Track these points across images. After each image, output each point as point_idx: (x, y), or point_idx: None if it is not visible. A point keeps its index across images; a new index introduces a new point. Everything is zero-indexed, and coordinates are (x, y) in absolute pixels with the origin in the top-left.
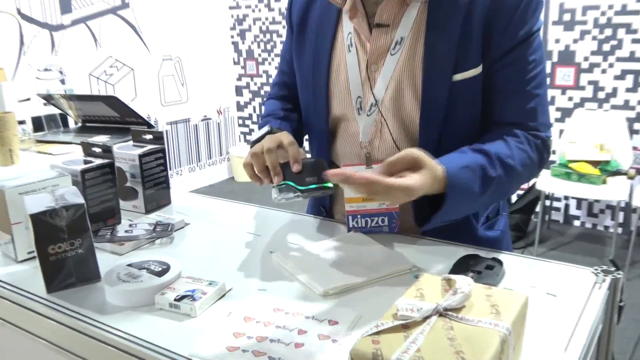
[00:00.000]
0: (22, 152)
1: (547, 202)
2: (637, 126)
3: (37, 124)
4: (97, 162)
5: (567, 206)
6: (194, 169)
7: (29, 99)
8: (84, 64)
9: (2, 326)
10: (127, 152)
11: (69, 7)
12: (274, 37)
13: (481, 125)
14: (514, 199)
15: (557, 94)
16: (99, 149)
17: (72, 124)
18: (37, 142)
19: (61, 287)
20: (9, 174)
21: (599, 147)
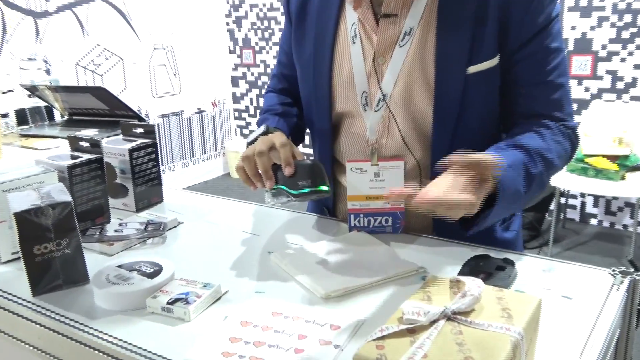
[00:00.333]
0: (5, 147)
1: (563, 200)
2: None
3: (21, 117)
4: (85, 157)
5: (583, 204)
6: (188, 165)
7: (12, 91)
8: (71, 53)
9: None
10: (116, 146)
11: None
12: (272, 24)
13: (503, 119)
14: None
15: (573, 84)
16: (87, 144)
17: (58, 117)
18: (21, 137)
19: (47, 290)
20: None
21: (617, 141)
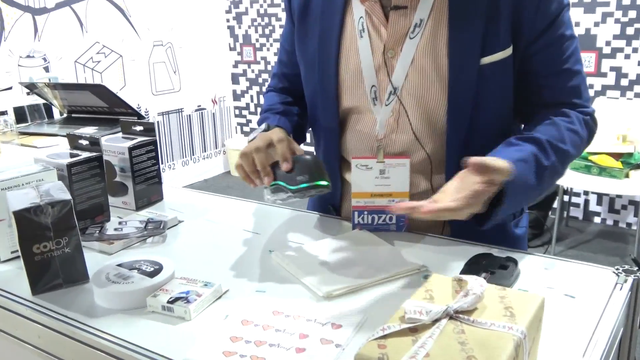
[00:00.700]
0: (4, 145)
1: (566, 198)
2: None
3: (20, 114)
4: (84, 155)
5: (587, 202)
6: (188, 163)
7: (10, 88)
8: (69, 50)
9: None
10: (116, 144)
11: None
12: (273, 20)
13: (520, 110)
14: None
15: None
16: (86, 142)
17: (57, 114)
18: (20, 134)
19: (47, 289)
20: None
21: (621, 139)
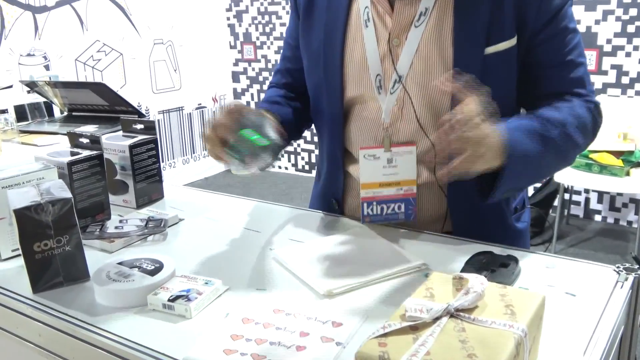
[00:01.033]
0: (5, 143)
1: (566, 196)
2: None
3: (21, 113)
4: (85, 153)
5: (587, 200)
6: (188, 161)
7: (11, 86)
8: (70, 48)
9: None
10: (116, 142)
11: None
12: (273, 19)
13: (524, 101)
14: (530, 191)
15: None
16: (87, 140)
17: (57, 113)
18: (20, 133)
19: (48, 287)
20: None
21: (622, 137)
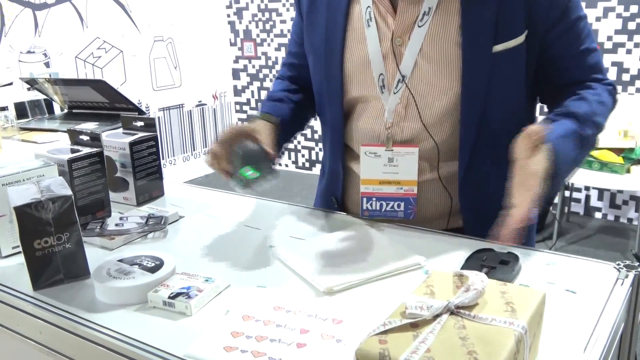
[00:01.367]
0: (5, 141)
1: (567, 193)
2: None
3: (21, 110)
4: (85, 150)
5: (587, 197)
6: (189, 158)
7: (11, 84)
8: (70, 45)
9: None
10: (116, 140)
11: None
12: (274, 16)
13: (546, 94)
14: None
15: None
16: (87, 137)
17: (57, 110)
18: (20, 130)
19: (48, 284)
20: None
21: (622, 134)
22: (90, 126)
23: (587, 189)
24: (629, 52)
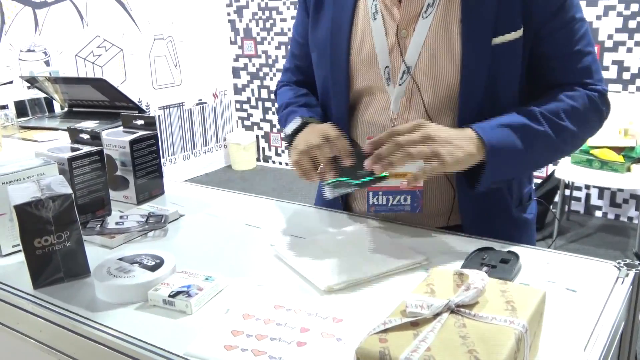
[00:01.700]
0: (5, 139)
1: (567, 192)
2: None
3: (21, 108)
4: (85, 149)
5: (588, 196)
6: (189, 157)
7: (11, 82)
8: (70, 44)
9: None
10: (117, 138)
11: None
12: (274, 14)
13: (533, 93)
14: None
15: None
16: (87, 136)
17: (57, 108)
18: (20, 128)
19: (48, 283)
20: None
21: (622, 132)
22: (90, 124)
23: (588, 187)
24: (629, 50)
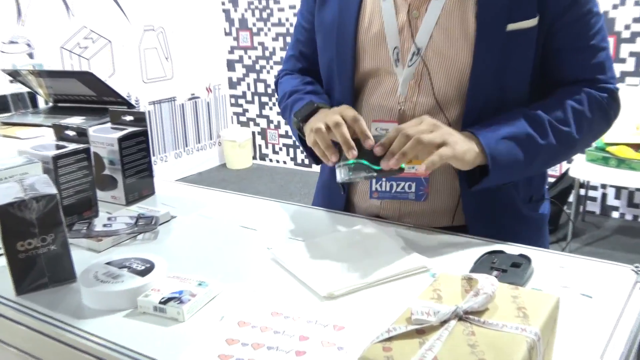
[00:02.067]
0: None
1: (582, 191)
2: None
3: (3, 104)
4: (71, 147)
5: (604, 195)
6: (181, 155)
7: None
8: (55, 35)
9: None
10: (104, 135)
11: None
12: (271, 3)
13: (543, 87)
14: None
15: None
16: (73, 132)
17: (42, 103)
18: (2, 125)
19: (32, 289)
20: None
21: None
22: (76, 121)
23: (604, 186)
24: None
